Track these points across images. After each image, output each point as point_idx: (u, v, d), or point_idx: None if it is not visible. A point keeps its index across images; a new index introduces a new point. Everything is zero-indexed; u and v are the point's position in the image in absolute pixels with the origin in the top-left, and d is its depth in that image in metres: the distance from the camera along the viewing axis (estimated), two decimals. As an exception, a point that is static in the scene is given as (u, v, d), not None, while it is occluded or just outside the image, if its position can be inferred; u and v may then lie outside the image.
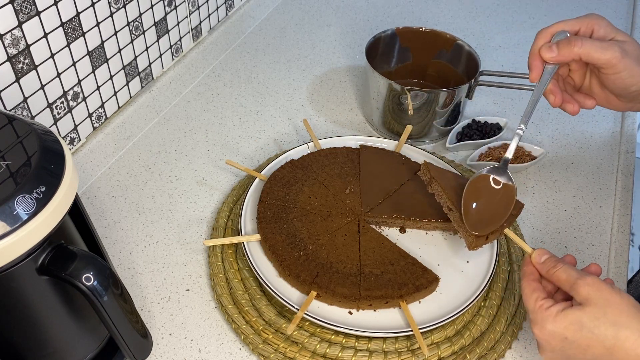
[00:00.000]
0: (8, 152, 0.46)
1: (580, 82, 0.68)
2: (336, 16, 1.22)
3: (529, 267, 0.59)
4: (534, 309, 0.54)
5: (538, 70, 0.64)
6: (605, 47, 0.60)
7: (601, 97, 0.67)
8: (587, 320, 0.50)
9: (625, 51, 0.61)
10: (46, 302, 0.51)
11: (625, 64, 0.61)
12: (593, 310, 0.51)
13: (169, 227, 0.78)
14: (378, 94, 0.88)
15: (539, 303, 0.54)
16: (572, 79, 0.69)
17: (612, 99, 0.67)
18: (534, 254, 0.59)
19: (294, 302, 0.64)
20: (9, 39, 0.68)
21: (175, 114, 0.95)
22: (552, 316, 0.52)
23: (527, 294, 0.56)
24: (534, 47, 0.64)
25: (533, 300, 0.55)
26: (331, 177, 0.78)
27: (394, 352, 0.63)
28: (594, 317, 0.50)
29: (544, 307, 0.53)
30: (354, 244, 0.70)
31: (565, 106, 0.67)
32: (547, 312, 0.53)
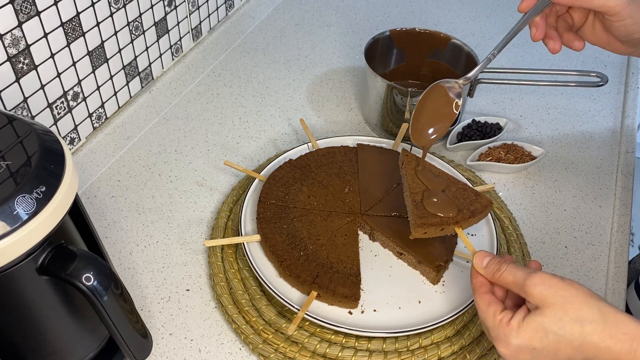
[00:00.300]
0: (8, 152, 0.46)
1: (580, 21, 0.65)
2: (336, 16, 1.22)
3: (477, 279, 0.55)
4: (493, 325, 0.51)
5: (530, 1, 0.62)
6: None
7: (603, 39, 0.64)
8: (550, 324, 0.48)
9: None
10: (46, 302, 0.51)
11: (630, 11, 0.58)
12: (553, 312, 0.48)
13: (169, 227, 0.78)
14: (377, 95, 0.88)
15: (497, 318, 0.51)
16: (570, 17, 0.66)
17: (615, 43, 0.64)
18: (475, 259, 0.56)
19: (294, 303, 0.64)
20: (9, 39, 0.68)
21: (175, 114, 0.95)
22: (514, 330, 0.50)
23: (483, 310, 0.53)
24: None
25: (491, 315, 0.52)
26: (330, 176, 0.78)
27: (393, 352, 0.63)
28: (556, 319, 0.48)
29: (504, 322, 0.50)
30: (354, 244, 0.70)
31: (547, 41, 0.65)
32: (508, 326, 0.50)
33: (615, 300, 0.71)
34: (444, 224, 0.64)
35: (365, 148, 0.82)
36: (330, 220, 0.72)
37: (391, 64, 0.97)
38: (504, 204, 0.81)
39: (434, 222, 0.64)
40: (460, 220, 0.64)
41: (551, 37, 0.65)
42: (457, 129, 0.91)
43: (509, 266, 0.53)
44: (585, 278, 0.74)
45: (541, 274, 0.50)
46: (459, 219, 0.64)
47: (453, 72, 0.93)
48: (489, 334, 0.52)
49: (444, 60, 0.94)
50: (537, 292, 0.49)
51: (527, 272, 0.51)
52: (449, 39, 0.92)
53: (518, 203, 0.83)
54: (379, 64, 0.95)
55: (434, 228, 0.64)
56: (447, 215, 0.64)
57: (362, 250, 0.72)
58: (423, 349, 0.64)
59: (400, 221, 0.72)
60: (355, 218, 0.73)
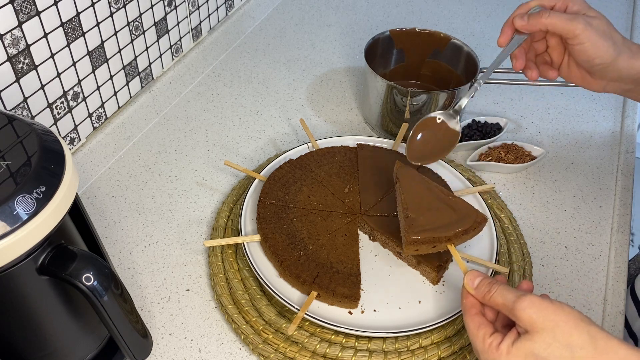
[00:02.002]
0: (8, 152, 0.46)
1: (558, 59, 0.72)
2: (336, 16, 1.22)
3: (468, 300, 0.56)
4: (483, 349, 0.51)
5: (506, 37, 0.69)
6: (571, 19, 0.64)
7: (577, 75, 0.71)
8: (540, 350, 0.48)
9: (590, 24, 0.64)
10: (46, 302, 0.51)
11: (588, 35, 0.63)
12: (542, 337, 0.48)
13: (169, 227, 0.78)
14: (377, 95, 0.88)
15: (487, 342, 0.51)
16: (549, 55, 0.72)
17: (586, 77, 0.70)
18: (466, 280, 0.56)
19: (294, 302, 0.64)
20: (9, 39, 0.68)
21: (175, 114, 0.95)
22: (503, 354, 0.49)
23: (473, 333, 0.53)
24: (510, 16, 0.69)
25: (480, 339, 0.52)
26: (330, 176, 0.78)
27: (393, 352, 0.63)
28: (545, 345, 0.48)
29: (493, 346, 0.50)
30: (354, 244, 0.70)
31: (526, 71, 0.73)
32: (498, 351, 0.50)
33: (615, 301, 0.71)
34: (436, 242, 0.64)
35: (365, 148, 0.82)
36: (331, 220, 0.72)
37: (391, 64, 0.97)
38: (503, 204, 0.81)
39: (426, 240, 0.63)
40: (453, 238, 0.64)
41: (529, 67, 0.73)
42: (457, 129, 0.91)
43: (499, 288, 0.52)
44: (585, 278, 0.74)
45: (530, 298, 0.50)
46: (451, 237, 0.64)
47: (453, 72, 0.93)
48: (478, 356, 0.52)
49: (444, 60, 0.94)
50: (526, 316, 0.49)
51: (517, 295, 0.50)
52: (449, 39, 0.92)
53: (518, 203, 0.83)
54: (379, 64, 0.95)
55: (426, 245, 0.64)
56: (438, 235, 0.63)
57: (362, 250, 0.72)
58: (423, 349, 0.64)
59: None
60: (355, 218, 0.73)
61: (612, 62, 0.65)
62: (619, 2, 1.29)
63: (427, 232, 0.63)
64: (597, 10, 0.66)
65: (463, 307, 0.56)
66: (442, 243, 0.64)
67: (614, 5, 1.28)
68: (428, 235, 0.63)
